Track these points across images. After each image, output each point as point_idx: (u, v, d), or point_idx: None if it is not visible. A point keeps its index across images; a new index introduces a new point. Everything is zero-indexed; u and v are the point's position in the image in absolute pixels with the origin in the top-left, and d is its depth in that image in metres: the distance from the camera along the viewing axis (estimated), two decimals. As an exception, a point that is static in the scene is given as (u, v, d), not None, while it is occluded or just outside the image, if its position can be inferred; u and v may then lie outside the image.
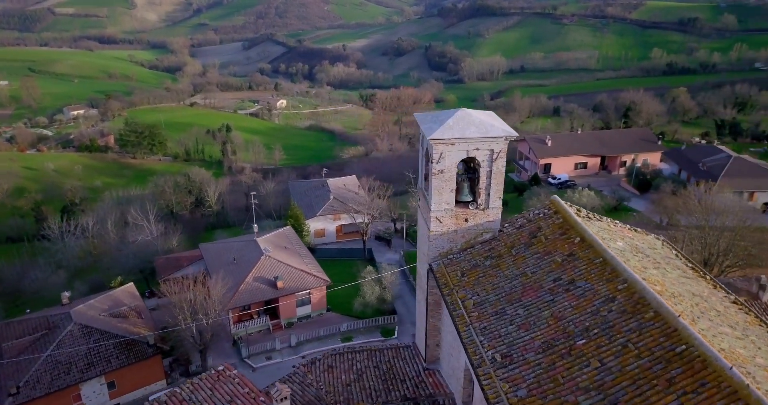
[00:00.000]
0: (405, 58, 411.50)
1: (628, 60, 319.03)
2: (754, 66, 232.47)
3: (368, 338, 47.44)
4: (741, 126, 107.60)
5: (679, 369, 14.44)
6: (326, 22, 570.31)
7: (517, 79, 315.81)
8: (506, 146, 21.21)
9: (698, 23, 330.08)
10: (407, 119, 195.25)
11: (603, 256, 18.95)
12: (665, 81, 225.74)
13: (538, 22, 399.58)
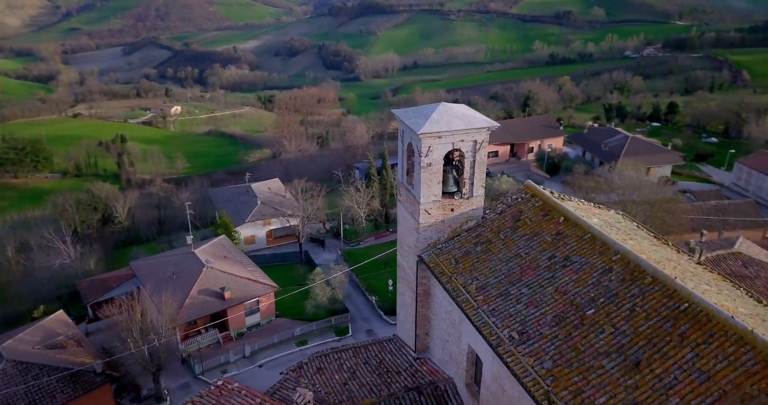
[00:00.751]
0: (299, 58, 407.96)
1: (513, 52, 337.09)
2: (624, 54, 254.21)
3: (323, 339, 47.36)
4: (626, 109, 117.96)
5: (687, 325, 16.15)
6: (213, 24, 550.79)
7: (412, 75, 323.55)
8: (488, 136, 22.28)
9: (572, 16, 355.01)
10: (313, 119, 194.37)
11: (590, 231, 20.56)
12: (549, 71, 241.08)
13: (426, 18, 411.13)
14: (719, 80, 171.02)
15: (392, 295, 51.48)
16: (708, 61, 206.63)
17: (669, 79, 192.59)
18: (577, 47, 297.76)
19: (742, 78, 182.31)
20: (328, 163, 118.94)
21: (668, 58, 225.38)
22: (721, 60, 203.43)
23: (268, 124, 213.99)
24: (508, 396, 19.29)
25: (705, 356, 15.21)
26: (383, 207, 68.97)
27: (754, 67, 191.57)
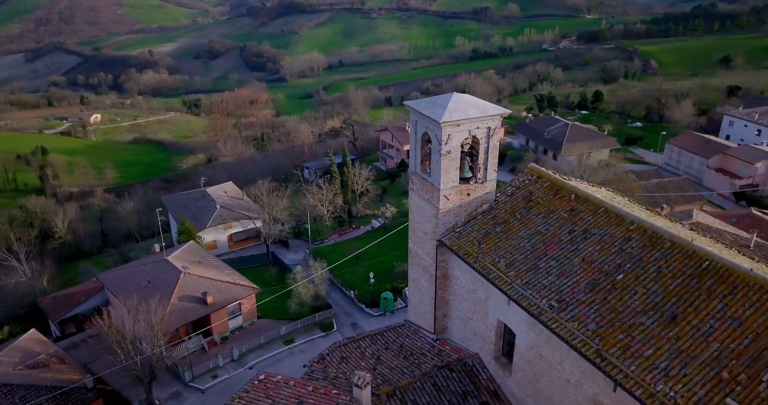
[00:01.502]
0: (220, 61, 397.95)
1: (436, 48, 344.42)
2: (542, 47, 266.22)
3: (309, 336, 47.75)
4: (556, 99, 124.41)
5: (711, 280, 18.36)
6: (123, 27, 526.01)
7: (338, 73, 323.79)
8: (500, 122, 23.83)
9: (489, 12, 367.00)
10: (246, 121, 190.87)
11: (603, 205, 22.59)
12: (473, 65, 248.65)
13: (348, 17, 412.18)
14: (632, 69, 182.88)
15: (373, 288, 52.65)
16: (619, 52, 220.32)
17: (586, 70, 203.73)
18: (496, 42, 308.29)
19: (651, 66, 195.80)
20: (273, 164, 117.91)
21: (583, 49, 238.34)
22: (630, 50, 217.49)
23: (198, 129, 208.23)
24: (547, 361, 20.96)
25: (733, 305, 17.42)
26: (345, 204, 69.71)
27: (660, 56, 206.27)
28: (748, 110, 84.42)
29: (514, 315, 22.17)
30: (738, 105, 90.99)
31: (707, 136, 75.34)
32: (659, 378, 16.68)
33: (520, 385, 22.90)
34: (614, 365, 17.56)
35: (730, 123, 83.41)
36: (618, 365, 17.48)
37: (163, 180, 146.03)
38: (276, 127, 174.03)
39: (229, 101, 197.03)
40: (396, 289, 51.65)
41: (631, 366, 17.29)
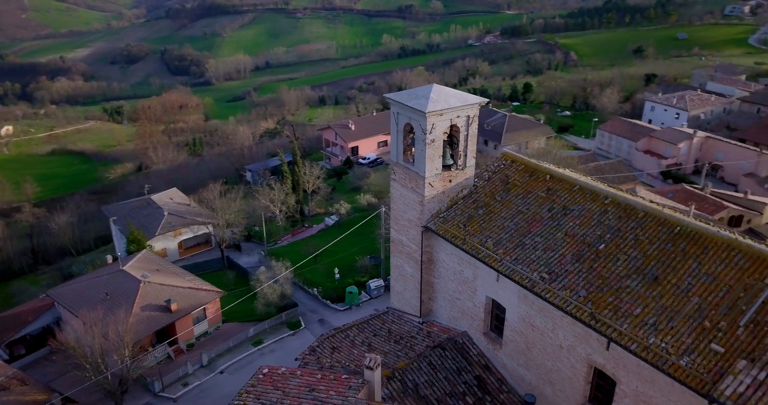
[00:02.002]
0: (140, 65, 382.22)
1: (364, 47, 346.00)
2: (468, 43, 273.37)
3: (277, 336, 47.63)
4: (488, 91, 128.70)
5: (684, 243, 20.35)
6: (30, 33, 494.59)
7: (266, 75, 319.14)
8: (478, 111, 25.11)
9: (414, 9, 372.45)
10: (176, 127, 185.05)
11: (577, 183, 24.34)
12: (402, 62, 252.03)
13: (273, 17, 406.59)
14: (554, 61, 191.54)
15: (337, 283, 53.10)
16: (541, 45, 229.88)
17: (512, 63, 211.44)
18: (423, 39, 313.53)
19: (571, 58, 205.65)
20: (212, 168, 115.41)
21: (507, 44, 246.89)
22: (551, 44, 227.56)
23: (123, 137, 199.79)
24: (539, 330, 22.43)
25: (706, 263, 19.44)
26: (298, 203, 69.58)
27: (579, 48, 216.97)
28: (666, 95, 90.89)
29: (503, 290, 23.52)
30: (657, 91, 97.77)
31: (633, 121, 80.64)
32: (650, 332, 18.42)
33: (511, 356, 24.30)
34: (608, 325, 19.19)
35: (652, 108, 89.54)
36: (611, 325, 19.12)
37: (90, 192, 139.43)
38: (208, 131, 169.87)
39: (157, 107, 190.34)
40: (359, 282, 52.33)
41: (623, 324, 18.96)
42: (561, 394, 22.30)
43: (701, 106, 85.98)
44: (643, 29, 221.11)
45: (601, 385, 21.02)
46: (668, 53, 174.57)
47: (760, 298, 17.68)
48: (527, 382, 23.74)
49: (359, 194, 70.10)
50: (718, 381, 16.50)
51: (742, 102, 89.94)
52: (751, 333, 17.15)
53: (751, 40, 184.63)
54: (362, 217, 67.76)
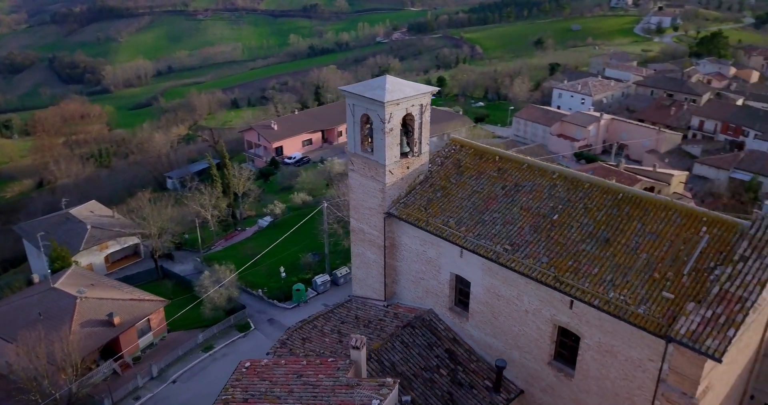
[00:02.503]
0: (26, 75, 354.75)
1: (271, 48, 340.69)
2: (377, 40, 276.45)
3: (228, 339, 47.03)
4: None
5: (627, 207, 22.73)
6: None
7: (170, 79, 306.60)
8: (430, 99, 26.45)
9: (319, 9, 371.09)
10: (79, 138, 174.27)
11: (525, 162, 26.32)
12: (313, 62, 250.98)
13: (172, 19, 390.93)
14: (461, 55, 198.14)
15: (284, 282, 53.04)
16: (447, 40, 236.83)
17: (421, 59, 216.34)
18: (331, 38, 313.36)
19: (477, 52, 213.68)
20: (127, 179, 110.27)
21: (414, 40, 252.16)
22: (457, 38, 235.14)
23: (15, 153, 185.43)
24: (504, 299, 24.15)
25: (649, 223, 21.87)
26: (229, 207, 68.39)
27: (483, 42, 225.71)
28: (571, 83, 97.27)
29: (468, 265, 25.06)
30: (562, 79, 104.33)
31: (546, 108, 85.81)
32: (608, 288, 20.55)
33: (478, 326, 25.92)
34: (571, 286, 21.15)
35: (559, 95, 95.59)
36: (574, 285, 21.09)
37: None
38: (114, 141, 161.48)
39: (55, 118, 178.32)
40: (304, 280, 52.60)
41: (584, 284, 20.98)
42: (528, 356, 24.16)
43: (603, 91, 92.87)
44: (540, 22, 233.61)
45: (564, 343, 23.04)
46: (565, 44, 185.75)
47: (697, 248, 20.22)
48: (495, 349, 25.45)
49: (293, 193, 70.02)
50: (672, 323, 18.79)
51: (637, 86, 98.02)
52: (694, 279, 19.62)
53: (636, 29, 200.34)
54: (298, 216, 67.79)
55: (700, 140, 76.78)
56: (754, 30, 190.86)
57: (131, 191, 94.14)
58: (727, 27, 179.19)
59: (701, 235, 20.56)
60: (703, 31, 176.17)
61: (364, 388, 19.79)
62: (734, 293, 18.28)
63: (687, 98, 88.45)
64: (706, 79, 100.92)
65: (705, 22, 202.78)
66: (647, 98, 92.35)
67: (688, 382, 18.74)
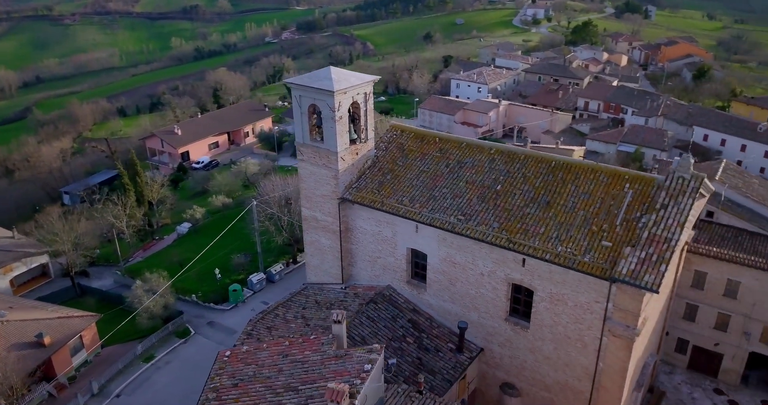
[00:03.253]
0: None
1: (152, 52, 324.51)
2: (266, 40, 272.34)
3: (168, 347, 46.02)
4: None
5: (561, 173, 25.74)
6: None
7: (40, 91, 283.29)
8: (372, 88, 28.06)
9: (200, 10, 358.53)
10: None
11: (464, 141, 28.72)
12: (201, 65, 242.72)
13: (35, 25, 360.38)
14: (354, 53, 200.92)
15: (220, 284, 52.50)
16: (338, 38, 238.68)
17: (314, 57, 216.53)
18: (216, 39, 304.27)
19: (368, 48, 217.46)
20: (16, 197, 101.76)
21: (305, 39, 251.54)
22: (347, 36, 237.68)
23: None
24: (460, 265, 26.40)
25: (581, 185, 24.98)
26: (145, 216, 65.92)
27: (373, 39, 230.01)
28: (467, 73, 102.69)
29: (423, 239, 27.05)
30: (458, 70, 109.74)
31: (447, 98, 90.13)
32: (555, 244, 23.36)
33: (436, 295, 28.03)
34: (523, 245, 23.76)
35: (457, 85, 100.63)
36: (526, 244, 23.72)
37: None
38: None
39: None
40: (238, 280, 52.44)
41: (535, 242, 23.66)
42: (486, 315, 26.62)
43: (497, 80, 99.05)
44: (426, 17, 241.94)
45: (518, 299, 25.68)
46: (452, 37, 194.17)
47: (624, 202, 23.53)
48: (453, 314, 27.69)
49: (211, 197, 68.76)
50: (613, 266, 21.87)
51: (526, 73, 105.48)
52: (626, 228, 22.88)
53: (515, 21, 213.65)
54: (220, 219, 66.83)
55: (587, 119, 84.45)
56: (615, 19, 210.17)
57: (21, 210, 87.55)
58: (593, 17, 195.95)
59: (626, 191, 23.90)
60: (573, 21, 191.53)
61: (353, 356, 21.14)
62: (661, 235, 21.66)
63: (570, 82, 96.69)
64: (585, 64, 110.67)
65: (574, 12, 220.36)
66: (536, 84, 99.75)
67: (630, 316, 21.93)
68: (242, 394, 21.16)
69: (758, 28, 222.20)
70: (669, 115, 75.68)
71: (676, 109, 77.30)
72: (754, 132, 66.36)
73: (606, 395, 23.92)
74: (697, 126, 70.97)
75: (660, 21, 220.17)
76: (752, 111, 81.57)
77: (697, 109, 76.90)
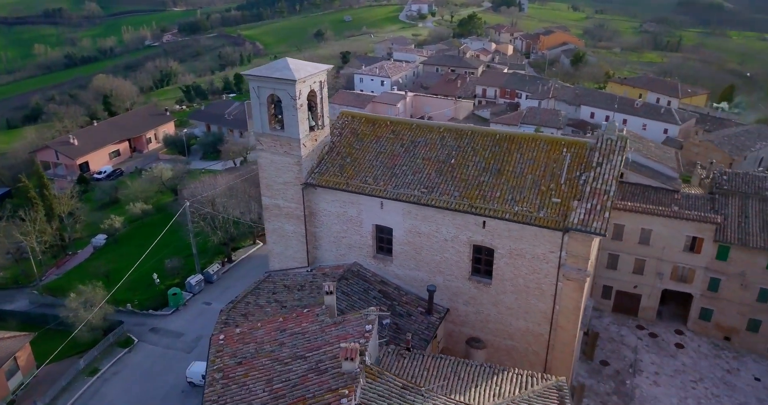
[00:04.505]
0: None
1: (12, 61, 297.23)
2: (146, 44, 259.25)
3: (113, 358, 44.70)
4: (201, 87, 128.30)
5: (506, 144, 28.94)
6: None
7: None
8: (326, 76, 29.64)
9: (65, 13, 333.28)
10: None
11: (414, 123, 31.18)
12: (75, 72, 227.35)
13: None
14: (245, 53, 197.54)
15: (158, 289, 51.35)
16: (226, 39, 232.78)
17: (202, 59, 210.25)
18: (88, 45, 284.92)
19: (259, 48, 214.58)
20: None
21: (189, 41, 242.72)
22: (235, 36, 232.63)
23: None
24: (425, 235, 28.85)
25: (525, 153, 28.31)
26: (57, 231, 62.13)
27: (262, 38, 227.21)
28: (369, 67, 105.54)
29: (388, 214, 29.18)
30: (359, 65, 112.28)
31: (355, 92, 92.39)
32: (512, 205, 26.46)
33: (402, 265, 30.29)
34: (484, 208, 26.64)
35: (360, 79, 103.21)
36: (486, 207, 26.62)
37: None
38: None
39: None
40: (174, 284, 51.68)
41: (494, 205, 26.63)
42: (451, 277, 29.30)
43: (398, 72, 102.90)
44: (314, 15, 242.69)
45: (479, 259, 28.57)
46: (343, 34, 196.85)
47: (565, 164, 27.07)
48: (420, 280, 30.11)
49: (128, 205, 66.21)
50: (565, 219, 25.30)
51: (424, 65, 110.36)
52: (570, 185, 26.44)
53: (401, 16, 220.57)
54: (142, 227, 64.78)
55: (486, 105, 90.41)
56: (492, 12, 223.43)
57: None
58: (473, 11, 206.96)
59: (564, 154, 27.49)
60: (456, 15, 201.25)
61: (350, 320, 22.87)
62: (600, 188, 25.40)
63: (466, 71, 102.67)
64: (476, 55, 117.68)
65: (455, 7, 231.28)
66: (435, 75, 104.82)
67: (581, 260, 25.49)
68: (249, 369, 22.16)
69: (616, 18, 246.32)
70: (559, 97, 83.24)
71: (564, 91, 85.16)
72: (632, 107, 75.06)
73: (563, 334, 27.46)
74: (584, 105, 78.89)
75: (532, 13, 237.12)
76: (626, 90, 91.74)
77: (582, 90, 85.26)
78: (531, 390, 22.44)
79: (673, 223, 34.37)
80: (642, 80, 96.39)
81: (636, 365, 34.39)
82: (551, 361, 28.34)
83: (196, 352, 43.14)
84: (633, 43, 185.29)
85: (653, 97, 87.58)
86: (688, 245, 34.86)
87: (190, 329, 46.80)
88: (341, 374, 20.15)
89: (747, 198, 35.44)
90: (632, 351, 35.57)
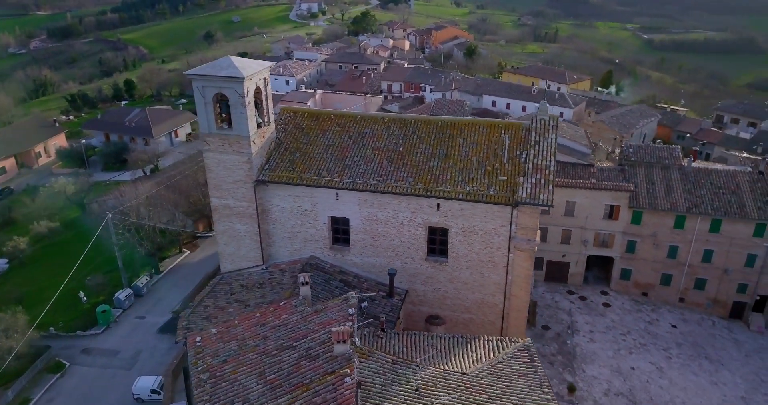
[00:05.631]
0: None
1: None
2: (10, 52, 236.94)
3: (45, 385, 41.78)
4: (89, 95, 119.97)
5: (449, 130, 30.75)
6: None
7: None
8: (269, 73, 29.80)
9: None
10: None
11: (358, 115, 32.19)
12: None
13: None
14: (129, 58, 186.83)
15: (85, 308, 48.45)
16: (104, 44, 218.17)
17: (80, 66, 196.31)
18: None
19: (142, 52, 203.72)
20: None
21: (62, 47, 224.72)
22: (114, 41, 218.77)
23: None
24: (381, 221, 30.01)
25: (467, 137, 30.27)
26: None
27: (145, 42, 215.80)
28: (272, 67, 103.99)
29: (344, 205, 29.99)
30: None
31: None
32: (463, 186, 28.29)
33: (360, 253, 31.24)
34: (438, 190, 28.26)
35: (275, 79, 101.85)
36: (439, 190, 28.26)
37: None
38: None
39: None
40: (100, 301, 49.10)
41: (446, 187, 28.31)
42: (408, 260, 30.69)
43: (302, 71, 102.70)
44: (199, 16, 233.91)
45: (434, 239, 30.17)
46: (233, 35, 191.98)
47: (505, 145, 29.29)
48: (378, 266, 31.23)
49: (33, 223, 61.38)
50: (513, 194, 27.48)
51: (327, 63, 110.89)
52: (513, 164, 28.70)
53: (291, 16, 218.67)
54: (48, 247, 60.32)
55: (392, 100, 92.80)
56: (381, 9, 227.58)
57: None
58: (362, 9, 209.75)
59: (503, 136, 29.74)
60: (346, 13, 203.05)
61: (331, 307, 23.53)
62: (541, 164, 27.86)
63: (369, 68, 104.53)
64: (376, 51, 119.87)
65: (344, 5, 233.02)
66: (339, 72, 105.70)
67: (530, 231, 27.84)
68: (237, 365, 22.21)
69: (497, 12, 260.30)
70: (461, 88, 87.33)
71: (465, 82, 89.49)
72: (530, 94, 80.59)
73: (516, 301, 29.80)
74: (486, 94, 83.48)
75: (419, 9, 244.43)
76: (519, 79, 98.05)
77: (482, 80, 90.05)
78: (504, 353, 24.36)
79: (593, 194, 38.08)
80: (533, 69, 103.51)
81: (573, 326, 37.78)
82: (507, 328, 30.61)
83: (137, 367, 41.46)
84: (515, 35, 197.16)
85: (544, 84, 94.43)
86: (607, 213, 38.77)
87: (125, 346, 44.79)
88: (334, 357, 20.85)
89: (651, 167, 40.04)
90: (567, 314, 39.01)
